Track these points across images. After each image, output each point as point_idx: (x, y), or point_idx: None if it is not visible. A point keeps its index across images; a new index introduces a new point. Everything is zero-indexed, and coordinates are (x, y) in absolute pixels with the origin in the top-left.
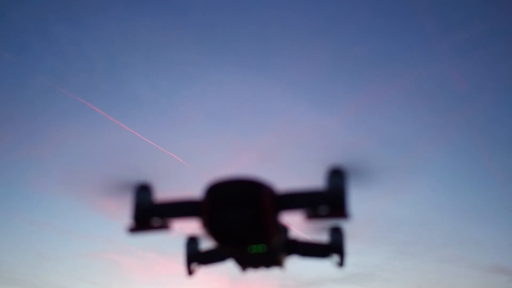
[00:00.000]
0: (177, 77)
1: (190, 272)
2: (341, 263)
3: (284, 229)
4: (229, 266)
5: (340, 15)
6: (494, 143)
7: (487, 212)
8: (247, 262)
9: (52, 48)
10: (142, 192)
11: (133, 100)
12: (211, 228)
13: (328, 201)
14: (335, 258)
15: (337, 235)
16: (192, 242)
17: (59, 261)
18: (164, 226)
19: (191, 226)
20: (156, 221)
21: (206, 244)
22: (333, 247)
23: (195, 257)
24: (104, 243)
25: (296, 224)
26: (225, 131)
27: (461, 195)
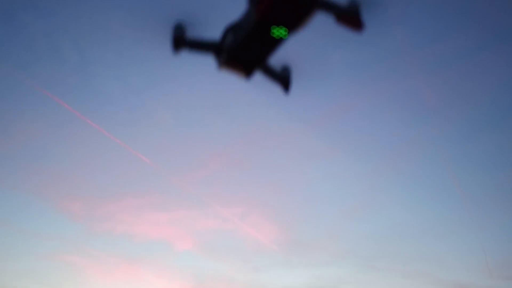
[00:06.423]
0: (148, 75)
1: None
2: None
3: None
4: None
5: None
6: (459, 161)
7: (450, 230)
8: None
9: (18, 37)
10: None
11: (102, 96)
12: None
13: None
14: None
15: (286, 71)
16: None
17: (14, 261)
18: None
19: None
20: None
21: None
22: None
23: (182, 40)
24: (63, 244)
25: None
26: (195, 133)
27: (426, 212)
